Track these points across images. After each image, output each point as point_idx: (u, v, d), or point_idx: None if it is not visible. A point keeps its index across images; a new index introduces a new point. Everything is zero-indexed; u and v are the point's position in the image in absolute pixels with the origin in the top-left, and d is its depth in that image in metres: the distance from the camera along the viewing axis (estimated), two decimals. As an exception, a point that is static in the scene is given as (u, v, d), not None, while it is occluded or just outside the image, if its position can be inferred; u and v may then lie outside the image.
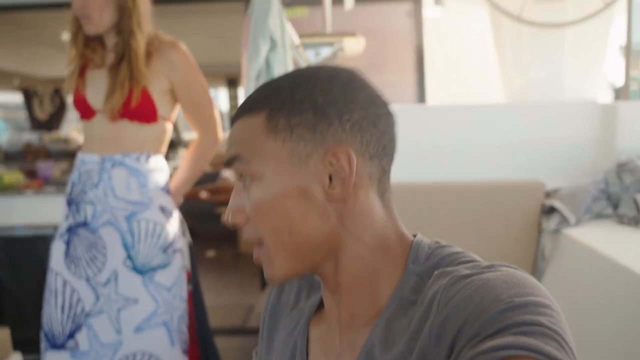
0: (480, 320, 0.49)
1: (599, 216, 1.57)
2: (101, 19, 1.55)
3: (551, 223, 1.53)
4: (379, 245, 0.62)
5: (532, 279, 0.54)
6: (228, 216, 0.63)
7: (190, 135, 6.36)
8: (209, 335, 1.82)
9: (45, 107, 5.75)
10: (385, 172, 0.63)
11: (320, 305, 0.71)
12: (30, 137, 5.39)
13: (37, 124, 5.72)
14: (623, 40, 1.98)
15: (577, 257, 1.44)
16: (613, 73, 2.21)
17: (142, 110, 1.58)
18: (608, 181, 1.56)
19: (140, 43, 1.56)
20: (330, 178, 0.59)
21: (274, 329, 0.76)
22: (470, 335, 0.49)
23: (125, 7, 1.56)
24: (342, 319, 0.65)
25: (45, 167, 3.50)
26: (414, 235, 0.66)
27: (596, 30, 2.05)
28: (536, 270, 1.60)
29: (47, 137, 5.13)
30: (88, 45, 1.63)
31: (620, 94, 2.25)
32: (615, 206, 1.57)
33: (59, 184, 3.11)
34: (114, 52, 1.60)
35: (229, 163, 0.62)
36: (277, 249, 0.60)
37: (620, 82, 2.14)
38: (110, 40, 1.61)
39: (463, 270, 0.56)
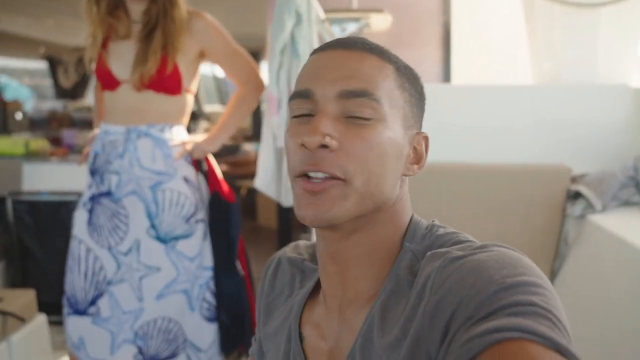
0: (473, 301, 0.50)
1: (626, 203, 1.54)
2: None
3: (576, 209, 1.50)
4: (401, 229, 0.64)
5: (525, 259, 0.54)
6: (319, 137, 0.57)
7: (212, 107, 6.36)
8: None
9: (70, 76, 5.79)
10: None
11: (313, 292, 0.71)
12: (55, 105, 5.45)
13: (62, 92, 5.77)
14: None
15: (601, 244, 1.42)
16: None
17: (169, 82, 1.59)
18: (637, 168, 1.52)
19: (182, 13, 1.57)
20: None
21: (270, 317, 0.76)
22: (464, 317, 0.50)
23: None
24: (345, 296, 0.65)
25: (70, 135, 3.55)
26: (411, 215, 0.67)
27: (633, 11, 1.97)
28: (558, 255, 1.58)
29: (72, 106, 5.18)
30: (112, 13, 1.62)
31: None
32: (644, 194, 1.53)
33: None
34: (141, 22, 1.60)
35: (352, 94, 0.59)
36: (359, 191, 0.58)
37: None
38: (137, 9, 1.61)
39: (455, 251, 0.56)
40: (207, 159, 1.72)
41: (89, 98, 5.94)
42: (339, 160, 0.58)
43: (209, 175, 1.71)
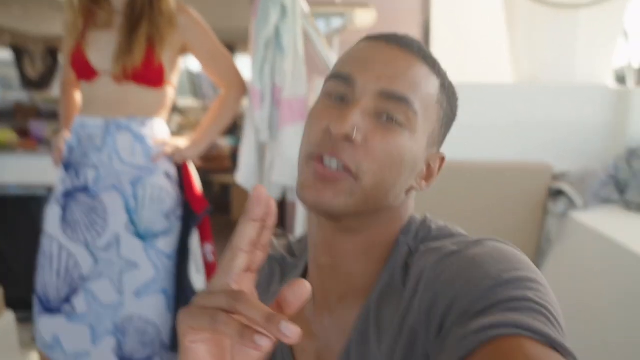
0: (469, 296, 0.50)
1: (606, 201, 1.57)
2: None
3: (558, 206, 1.52)
4: (400, 227, 0.64)
5: (519, 254, 0.54)
6: (348, 127, 0.56)
7: (184, 102, 6.27)
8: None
9: (36, 66, 5.61)
10: None
11: None
12: (20, 95, 5.27)
13: (28, 83, 5.59)
14: (638, 25, 1.95)
15: (583, 240, 1.44)
16: (622, 58, 2.19)
17: (152, 74, 1.54)
18: (617, 167, 1.55)
19: (170, 5, 1.53)
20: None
21: None
22: (459, 312, 0.49)
23: None
24: (336, 291, 0.63)
25: (38, 127, 3.43)
26: None
27: (610, 14, 2.01)
28: (540, 252, 1.60)
29: (39, 97, 5.02)
30: (94, 1, 1.57)
31: (623, 79, 2.23)
32: (622, 192, 1.57)
33: (51, 144, 3.05)
34: (123, 12, 1.55)
35: (393, 96, 0.58)
36: (365, 191, 0.57)
37: (630, 67, 2.12)
38: (119, 0, 1.56)
39: (450, 246, 0.56)
40: (185, 165, 1.67)
41: (55, 89, 5.77)
42: (357, 155, 0.56)
43: (184, 182, 1.65)
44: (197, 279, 1.67)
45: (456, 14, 2.76)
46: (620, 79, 2.31)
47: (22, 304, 1.99)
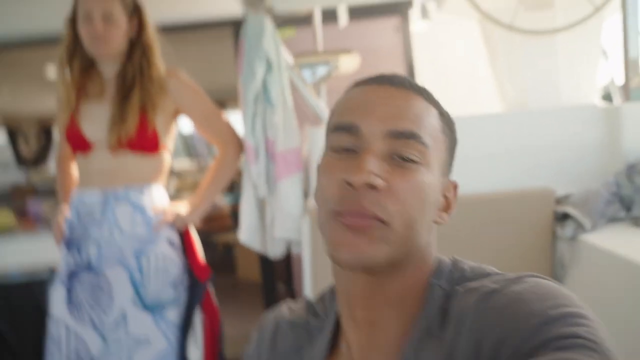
0: (517, 336, 0.48)
1: (613, 220, 1.55)
2: (117, 44, 1.53)
3: (567, 230, 1.50)
4: (430, 270, 0.62)
5: (562, 289, 0.53)
6: (366, 176, 0.55)
7: (180, 164, 6.30)
8: None
9: (31, 144, 5.67)
10: None
11: (331, 345, 0.67)
12: (17, 175, 5.29)
13: (23, 162, 5.62)
14: (618, 42, 1.99)
15: (597, 262, 1.41)
16: (604, 75, 2.22)
17: (146, 141, 1.54)
18: (619, 184, 1.54)
19: (159, 72, 1.56)
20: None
21: None
22: (508, 353, 0.48)
23: (141, 37, 1.55)
24: (373, 344, 0.61)
25: (36, 206, 3.43)
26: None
27: (587, 36, 2.05)
28: (555, 278, 1.57)
29: (35, 176, 5.04)
30: (85, 74, 1.59)
31: (609, 97, 2.26)
32: (628, 208, 1.55)
33: (50, 221, 3.04)
34: (114, 81, 1.57)
35: (402, 135, 0.58)
36: (398, 235, 0.57)
37: (615, 83, 2.15)
38: (110, 70, 1.58)
39: (489, 284, 0.55)
40: (187, 231, 1.65)
41: (52, 166, 5.80)
42: (382, 201, 0.56)
43: (187, 249, 1.62)
44: (195, 353, 1.60)
45: (438, 51, 2.82)
46: (607, 96, 2.33)
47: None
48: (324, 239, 0.59)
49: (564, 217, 1.56)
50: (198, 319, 1.61)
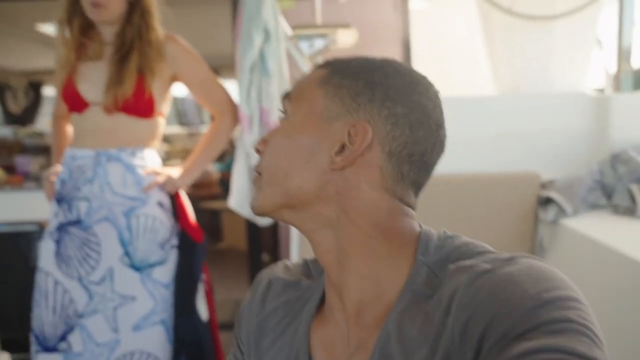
0: (508, 318, 0.48)
1: (594, 206, 1.60)
2: (116, 8, 1.52)
3: (549, 214, 1.54)
4: (379, 233, 0.61)
5: (556, 271, 0.53)
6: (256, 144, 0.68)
7: (170, 129, 6.27)
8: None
9: (19, 101, 5.59)
10: (403, 178, 0.61)
11: (320, 307, 0.68)
12: (4, 132, 5.24)
13: (11, 118, 5.55)
14: (613, 33, 2.01)
15: (575, 246, 1.46)
16: (599, 65, 2.25)
17: (143, 105, 1.54)
18: (603, 172, 1.58)
19: (158, 36, 1.54)
20: (343, 148, 0.60)
21: (262, 340, 0.72)
22: (498, 334, 0.48)
23: (139, 1, 1.54)
24: (348, 310, 0.62)
25: (24, 162, 3.41)
26: (420, 227, 0.64)
27: (583, 24, 2.07)
28: (534, 260, 1.62)
29: (22, 132, 4.99)
30: (84, 33, 1.58)
31: (600, 85, 2.29)
32: (609, 196, 1.59)
33: (39, 179, 3.03)
34: (113, 44, 1.56)
35: (284, 97, 0.68)
36: (268, 184, 0.64)
37: (607, 73, 2.17)
38: (109, 31, 1.57)
39: (482, 264, 0.54)
40: (177, 194, 1.66)
41: (39, 123, 5.73)
42: (261, 158, 0.66)
43: (178, 211, 1.64)
44: (203, 310, 1.66)
45: (435, 30, 2.82)
46: (598, 85, 2.36)
47: (18, 346, 1.94)
48: None
49: (547, 201, 1.60)
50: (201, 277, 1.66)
